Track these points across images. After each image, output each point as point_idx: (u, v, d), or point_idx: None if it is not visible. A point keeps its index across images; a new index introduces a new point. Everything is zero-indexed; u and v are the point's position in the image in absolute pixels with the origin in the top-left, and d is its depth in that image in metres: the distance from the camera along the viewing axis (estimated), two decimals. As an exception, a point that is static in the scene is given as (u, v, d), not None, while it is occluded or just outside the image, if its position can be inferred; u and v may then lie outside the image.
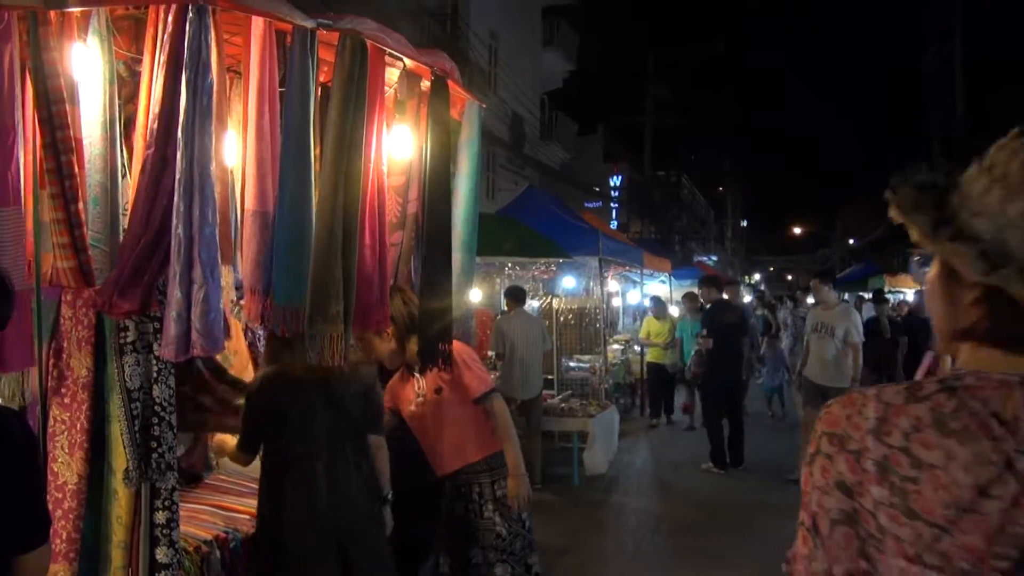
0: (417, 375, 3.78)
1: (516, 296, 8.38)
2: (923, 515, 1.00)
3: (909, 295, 18.92)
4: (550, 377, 10.09)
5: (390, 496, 3.41)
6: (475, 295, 10.14)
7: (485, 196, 20.87)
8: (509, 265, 10.56)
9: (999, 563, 0.96)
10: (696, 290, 11.16)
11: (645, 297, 14.04)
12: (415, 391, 3.81)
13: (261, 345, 3.92)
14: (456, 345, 3.60)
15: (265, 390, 3.22)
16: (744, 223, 72.93)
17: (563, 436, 9.02)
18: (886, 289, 17.33)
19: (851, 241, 49.63)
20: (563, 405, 8.91)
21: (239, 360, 4.28)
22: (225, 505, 3.54)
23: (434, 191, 3.38)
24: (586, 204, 25.96)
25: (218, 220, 2.82)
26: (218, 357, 3.47)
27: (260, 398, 3.22)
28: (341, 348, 2.87)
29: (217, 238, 2.56)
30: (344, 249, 2.87)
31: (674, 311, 12.50)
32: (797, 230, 70.62)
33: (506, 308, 8.42)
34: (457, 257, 3.74)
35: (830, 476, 1.09)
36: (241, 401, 3.37)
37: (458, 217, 3.75)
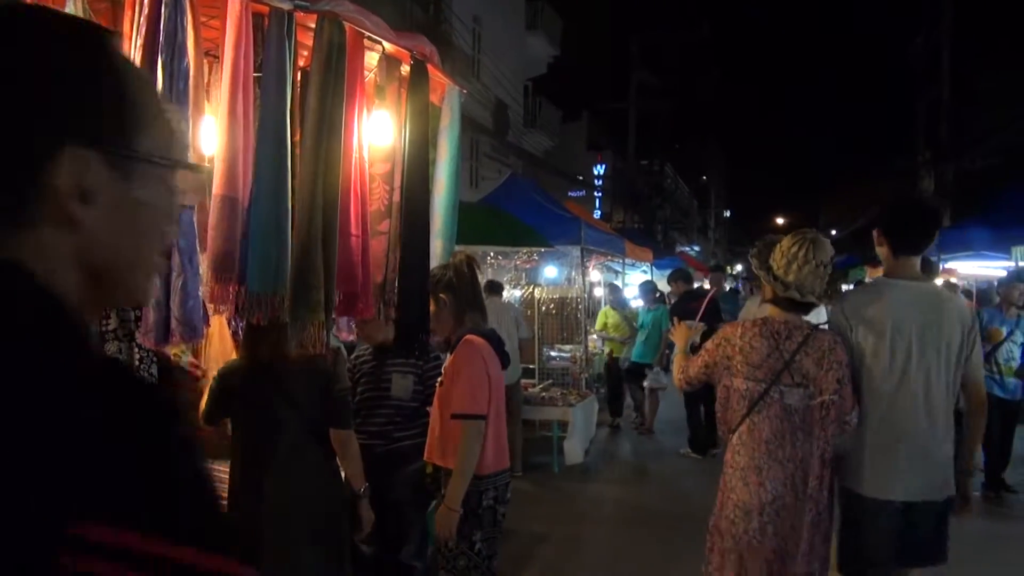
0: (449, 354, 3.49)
1: (491, 288, 8.42)
2: (749, 363, 3.27)
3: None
4: (532, 366, 10.11)
5: (364, 491, 3.36)
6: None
7: (468, 184, 20.83)
8: (491, 254, 10.55)
9: (769, 381, 3.21)
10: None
11: (627, 286, 14.02)
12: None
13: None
14: (475, 344, 3.31)
15: (226, 380, 3.20)
16: (727, 213, 73.21)
17: (543, 425, 9.04)
18: (867, 280, 17.43)
19: (833, 232, 49.94)
20: (544, 394, 8.93)
21: (220, 347, 4.27)
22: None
23: (412, 177, 3.37)
24: (570, 193, 25.99)
25: (195, 207, 2.82)
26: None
27: (222, 386, 3.19)
28: (322, 336, 2.86)
29: (195, 226, 2.54)
30: (325, 236, 2.85)
31: (636, 302, 11.97)
32: (780, 220, 70.88)
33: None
34: (437, 244, 3.73)
35: (721, 349, 3.36)
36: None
37: (438, 204, 3.73)
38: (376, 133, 3.42)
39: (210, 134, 3.07)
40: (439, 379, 3.41)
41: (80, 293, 0.84)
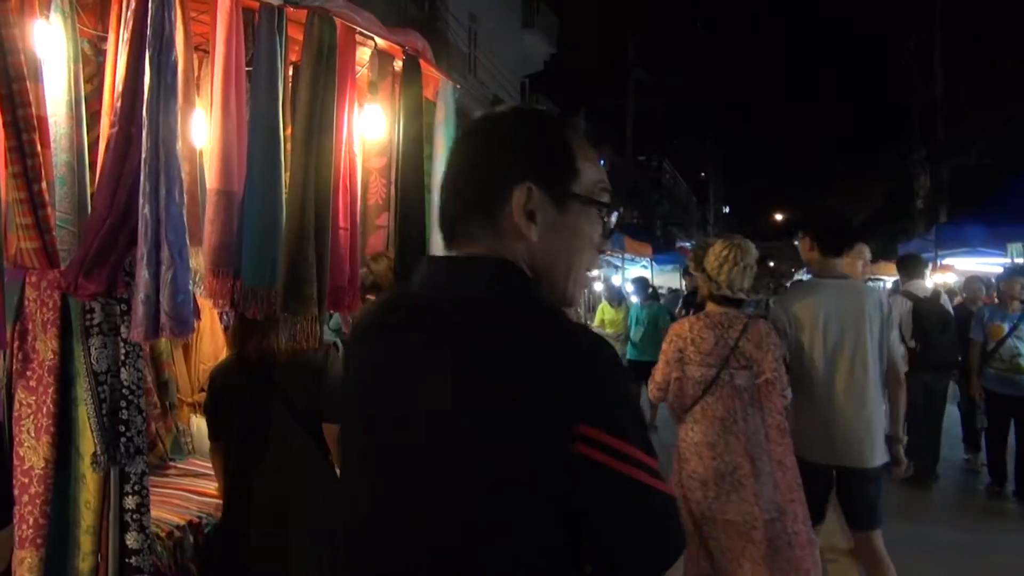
0: None
1: None
2: (701, 352, 3.64)
3: (888, 283, 19.03)
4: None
5: None
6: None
7: (466, 181, 20.80)
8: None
9: (719, 365, 3.59)
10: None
11: (627, 282, 13.99)
12: None
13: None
14: None
15: (218, 379, 3.18)
16: (726, 209, 73.19)
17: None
18: (867, 278, 17.42)
19: (830, 227, 49.86)
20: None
21: (211, 344, 4.25)
22: (199, 490, 3.52)
23: (407, 172, 3.36)
24: (567, 189, 25.93)
25: (186, 200, 2.80)
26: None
27: (215, 387, 3.18)
28: (315, 330, 2.85)
29: (185, 219, 2.52)
30: (317, 230, 2.84)
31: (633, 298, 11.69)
32: (778, 216, 70.90)
33: None
34: (436, 239, 3.71)
35: (674, 345, 3.71)
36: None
37: (436, 199, 3.72)
38: (369, 128, 3.41)
39: (200, 128, 3.06)
40: None
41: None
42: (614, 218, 1.40)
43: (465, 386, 1.19)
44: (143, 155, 2.44)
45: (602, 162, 31.69)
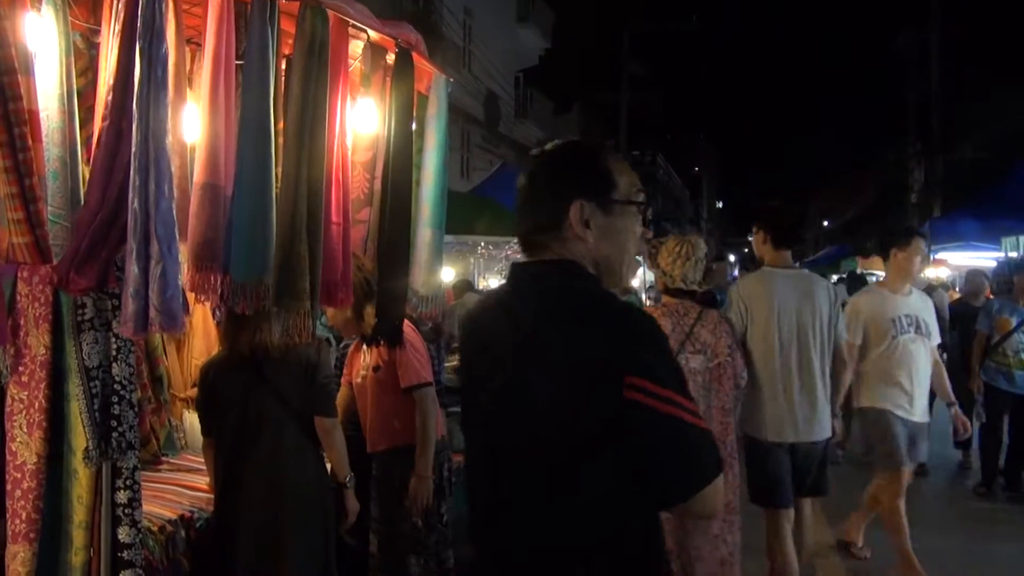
0: (365, 348, 3.74)
1: (465, 287, 8.87)
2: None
3: (881, 276, 19.03)
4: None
5: (350, 480, 3.36)
6: (447, 274, 10.12)
7: (459, 175, 20.78)
8: (482, 244, 10.52)
9: (675, 350, 3.73)
10: None
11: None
12: (362, 364, 3.77)
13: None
14: (404, 326, 3.55)
15: (208, 375, 3.18)
16: (719, 204, 73.24)
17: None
18: (858, 271, 17.41)
19: (825, 223, 50.02)
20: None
21: (204, 340, 4.24)
22: (191, 484, 3.51)
23: (396, 166, 3.34)
24: (561, 184, 25.85)
25: (175, 195, 2.79)
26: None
27: (204, 384, 3.17)
28: (308, 325, 2.84)
29: (174, 213, 2.51)
30: (309, 225, 2.83)
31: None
32: (772, 211, 70.77)
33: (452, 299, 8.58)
34: (427, 234, 3.70)
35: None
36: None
37: (427, 193, 3.70)
38: (361, 121, 3.40)
39: (191, 122, 3.05)
40: (375, 366, 3.58)
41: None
42: (650, 212, 1.84)
43: (544, 355, 1.59)
44: (133, 149, 2.43)
45: (596, 157, 31.70)
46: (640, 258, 12.72)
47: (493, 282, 12.79)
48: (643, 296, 12.73)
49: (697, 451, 1.53)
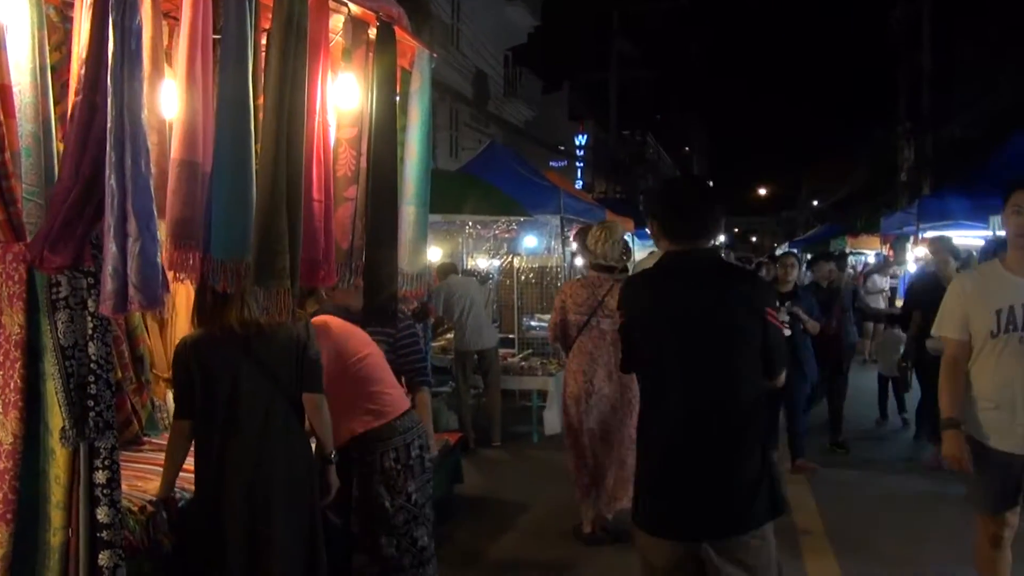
0: None
1: (448, 270, 8.71)
2: (576, 303, 5.30)
3: (871, 256, 19.07)
4: (511, 336, 10.08)
5: (334, 456, 3.35)
6: (434, 254, 10.06)
7: (448, 154, 20.69)
8: (470, 224, 10.47)
9: (589, 314, 5.25)
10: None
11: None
12: None
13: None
14: (324, 321, 3.49)
15: (189, 353, 3.13)
16: (710, 184, 72.99)
17: (523, 395, 9.03)
18: (847, 250, 17.42)
19: (815, 203, 50.02)
20: (523, 363, 8.91)
21: (187, 320, 4.20)
22: (173, 464, 3.47)
23: (379, 142, 3.30)
24: (551, 163, 25.81)
25: (153, 171, 2.74)
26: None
27: (185, 361, 3.13)
28: (288, 303, 2.81)
29: (152, 189, 2.47)
30: (289, 201, 2.78)
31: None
32: (762, 191, 70.99)
33: (437, 280, 8.55)
34: (411, 211, 3.67)
35: (560, 299, 5.45)
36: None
37: (410, 170, 3.67)
38: (342, 96, 3.35)
39: (171, 98, 2.99)
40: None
41: None
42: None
43: (722, 297, 2.80)
44: (108, 124, 2.38)
45: (585, 136, 31.63)
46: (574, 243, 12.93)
47: (482, 262, 12.73)
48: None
49: (783, 347, 2.92)
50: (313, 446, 3.36)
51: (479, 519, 5.95)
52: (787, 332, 6.41)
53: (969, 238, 11.85)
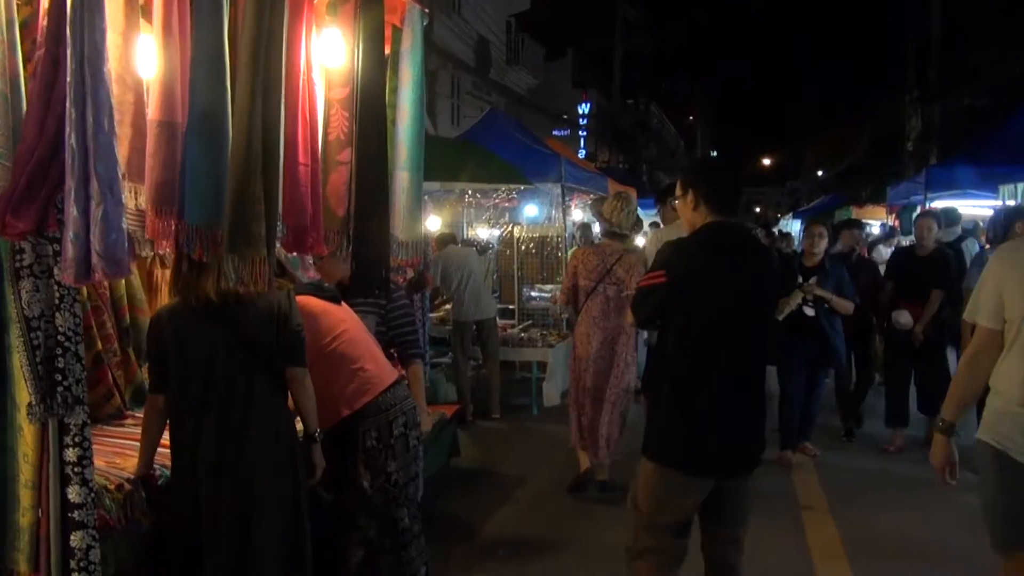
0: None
1: (446, 240, 8.53)
2: (587, 269, 5.62)
3: (875, 227, 18.83)
4: (511, 307, 9.94)
5: (319, 434, 3.20)
6: (433, 223, 9.89)
7: (450, 123, 20.44)
8: (469, 192, 10.28)
9: (597, 280, 5.58)
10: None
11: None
12: None
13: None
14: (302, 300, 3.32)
15: (164, 324, 2.98)
16: (714, 154, 72.59)
17: (523, 366, 8.90)
18: (852, 217, 17.14)
19: (819, 173, 49.61)
20: (523, 335, 8.78)
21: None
22: (156, 440, 3.34)
23: (368, 103, 3.13)
24: (554, 132, 25.50)
25: (130, 134, 2.60)
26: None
27: (159, 334, 2.98)
28: (264, 272, 2.66)
29: (115, 149, 2.32)
30: (265, 164, 2.62)
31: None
32: (767, 161, 70.45)
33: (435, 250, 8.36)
34: (404, 177, 3.51)
35: (572, 266, 5.84)
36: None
37: (403, 133, 3.49)
38: (328, 54, 3.17)
39: (148, 55, 2.83)
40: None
41: None
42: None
43: (764, 266, 3.21)
44: (68, 79, 2.22)
45: (588, 105, 31.25)
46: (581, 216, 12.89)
47: (482, 233, 12.55)
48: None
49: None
50: (298, 423, 3.22)
51: (476, 492, 5.84)
52: (810, 312, 6.20)
53: (977, 208, 11.67)
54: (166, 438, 3.10)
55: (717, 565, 3.21)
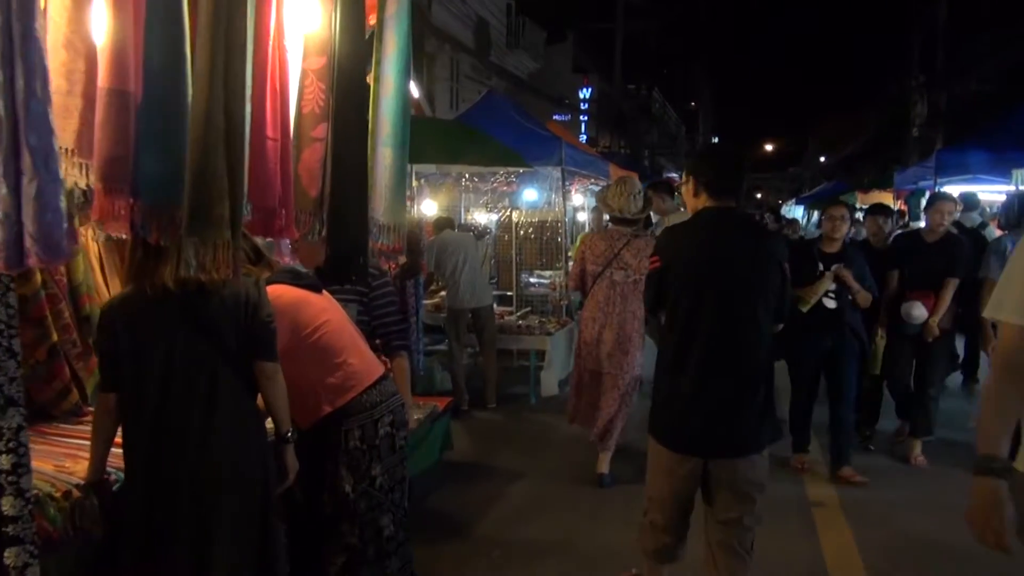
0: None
1: (443, 225, 8.21)
2: (594, 255, 5.69)
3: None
4: (509, 294, 9.68)
5: (291, 434, 2.92)
6: (429, 207, 9.60)
7: (449, 106, 20.15)
8: (467, 176, 9.98)
9: (604, 265, 5.61)
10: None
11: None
12: None
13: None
14: (274, 292, 3.03)
15: (115, 316, 2.70)
16: (715, 139, 72.14)
17: (522, 354, 8.64)
18: (857, 206, 16.83)
19: (822, 159, 49.30)
20: (521, 322, 8.50)
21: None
22: (115, 440, 3.07)
23: (346, 73, 2.85)
24: (555, 116, 25.16)
25: (79, 104, 2.34)
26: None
27: (110, 326, 2.70)
28: (228, 257, 2.39)
29: (51, 118, 2.04)
30: (228, 136, 2.35)
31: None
32: (769, 147, 70.09)
33: (431, 235, 8.07)
34: (387, 153, 3.23)
35: (580, 250, 5.90)
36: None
37: (386, 108, 3.21)
38: (302, 18, 2.89)
39: (99, 17, 2.55)
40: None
41: None
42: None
43: (756, 249, 3.20)
44: (-7, 38, 1.94)
45: (589, 89, 30.89)
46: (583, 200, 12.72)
47: (480, 218, 12.26)
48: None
49: (791, 296, 3.42)
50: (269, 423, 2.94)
51: (469, 489, 5.58)
52: (831, 304, 5.55)
53: (989, 193, 11.39)
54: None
55: (712, 545, 3.25)
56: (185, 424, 2.63)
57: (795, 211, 28.96)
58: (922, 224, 7.28)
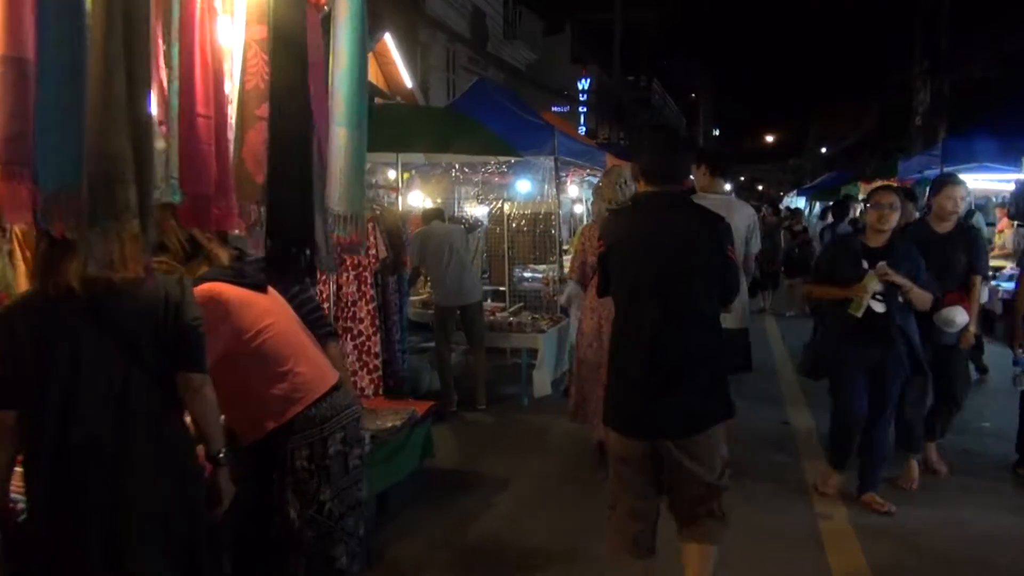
0: None
1: (431, 216, 7.83)
2: (595, 245, 4.45)
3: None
4: (502, 289, 9.34)
5: (222, 455, 2.57)
6: (416, 198, 9.25)
7: (445, 97, 19.75)
8: (456, 167, 9.62)
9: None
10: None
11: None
12: None
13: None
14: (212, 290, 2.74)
15: (15, 321, 2.35)
16: (716, 131, 71.79)
17: (514, 352, 8.29)
18: (860, 197, 16.48)
19: (823, 149, 48.99)
20: (512, 319, 8.15)
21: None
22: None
23: (282, 40, 2.50)
24: (553, 108, 24.80)
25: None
26: None
27: (10, 333, 2.34)
28: (137, 251, 2.05)
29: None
30: (132, 108, 2.00)
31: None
32: (769, 138, 69.81)
33: (415, 227, 7.71)
34: (341, 134, 2.89)
35: (581, 243, 5.83)
36: None
37: (340, 83, 2.87)
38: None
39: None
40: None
41: None
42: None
43: (695, 229, 3.23)
44: None
45: (588, 81, 30.51)
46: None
47: (472, 210, 11.91)
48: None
49: (737, 278, 3.39)
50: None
51: (452, 499, 5.23)
52: (879, 308, 4.69)
53: (997, 182, 11.07)
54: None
55: (678, 525, 3.35)
56: (94, 446, 2.29)
57: (798, 201, 28.68)
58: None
